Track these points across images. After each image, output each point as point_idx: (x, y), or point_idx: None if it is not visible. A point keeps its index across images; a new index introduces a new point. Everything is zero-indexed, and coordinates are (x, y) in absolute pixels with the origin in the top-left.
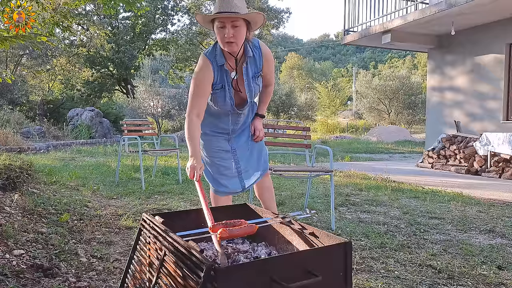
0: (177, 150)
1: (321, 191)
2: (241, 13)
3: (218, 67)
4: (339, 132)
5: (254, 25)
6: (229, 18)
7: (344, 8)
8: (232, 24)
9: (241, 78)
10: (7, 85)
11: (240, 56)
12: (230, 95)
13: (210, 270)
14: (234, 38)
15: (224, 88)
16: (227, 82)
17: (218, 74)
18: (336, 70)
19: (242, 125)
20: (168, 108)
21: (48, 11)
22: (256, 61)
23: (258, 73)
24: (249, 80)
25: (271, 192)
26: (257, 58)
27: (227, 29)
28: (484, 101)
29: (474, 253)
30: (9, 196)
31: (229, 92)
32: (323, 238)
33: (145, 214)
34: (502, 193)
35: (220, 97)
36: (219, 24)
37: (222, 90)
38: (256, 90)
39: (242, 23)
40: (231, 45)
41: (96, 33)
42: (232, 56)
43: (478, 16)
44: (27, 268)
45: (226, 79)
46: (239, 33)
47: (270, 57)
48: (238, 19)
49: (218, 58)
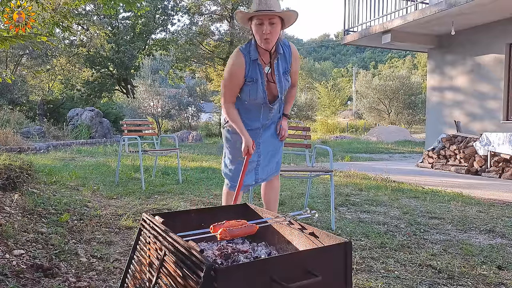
0: (177, 150)
1: (321, 191)
2: (278, 11)
3: (251, 61)
4: (339, 132)
5: (287, 22)
6: (267, 15)
7: (344, 8)
8: (269, 21)
9: (273, 73)
10: (7, 85)
11: (272, 52)
12: (263, 88)
13: (210, 270)
14: (270, 35)
15: (257, 81)
16: (260, 76)
17: (250, 68)
18: (336, 70)
19: (270, 120)
20: (168, 108)
21: (48, 11)
22: (286, 58)
23: (288, 70)
24: (280, 75)
25: (276, 194)
26: (287, 55)
27: (265, 25)
28: (484, 101)
29: (474, 253)
30: (9, 196)
31: (262, 85)
32: (323, 238)
33: (145, 214)
34: (502, 193)
35: (252, 90)
36: (257, 21)
37: (254, 83)
38: (286, 86)
39: (277, 20)
40: (267, 41)
41: (96, 33)
42: (266, 52)
43: (478, 16)
44: (27, 268)
45: (259, 73)
46: (275, 30)
47: (298, 56)
48: (274, 17)
49: (252, 52)
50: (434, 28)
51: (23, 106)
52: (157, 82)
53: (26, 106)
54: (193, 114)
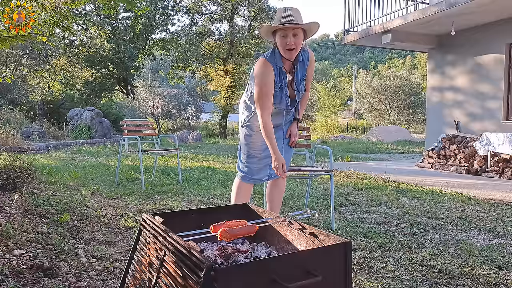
0: (177, 150)
1: (321, 191)
2: (301, 23)
3: (278, 69)
4: (339, 132)
5: (309, 33)
6: (291, 28)
7: (344, 8)
8: (293, 33)
9: (293, 80)
10: (7, 85)
11: (294, 61)
12: (286, 93)
13: (210, 270)
14: (294, 45)
15: (282, 88)
16: (284, 83)
17: (277, 75)
18: (336, 70)
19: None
20: (168, 108)
21: (48, 11)
22: (304, 64)
23: (305, 75)
24: (298, 81)
25: (280, 194)
26: (305, 61)
27: (289, 37)
28: (484, 101)
29: (474, 253)
30: (9, 196)
31: (286, 91)
32: (323, 238)
33: (145, 214)
34: (502, 193)
35: (277, 96)
36: (281, 33)
37: (280, 90)
38: (302, 90)
39: (300, 32)
40: (291, 52)
41: (96, 33)
42: (288, 60)
43: (478, 16)
44: (27, 268)
45: (284, 80)
46: (298, 42)
47: (314, 61)
48: (298, 29)
49: (278, 61)
50: (434, 28)
51: (23, 106)
52: (157, 82)
53: (26, 106)
54: (193, 114)
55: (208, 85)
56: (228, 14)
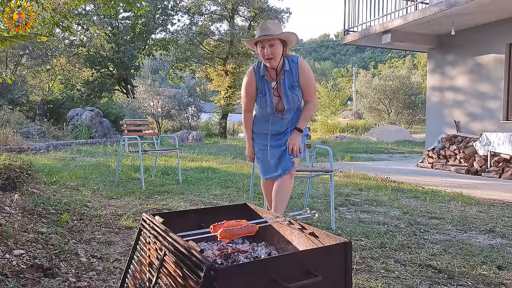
0: (177, 150)
1: (321, 191)
2: (275, 34)
3: (260, 77)
4: (339, 132)
5: (289, 43)
6: (266, 40)
7: (344, 8)
8: (269, 44)
9: (279, 88)
10: (7, 85)
11: (279, 69)
12: (270, 99)
13: (210, 270)
14: (272, 55)
15: (265, 94)
16: (268, 89)
17: (260, 83)
18: (336, 70)
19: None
20: (168, 108)
21: (48, 11)
22: (293, 73)
23: (296, 84)
24: (286, 89)
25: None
26: (293, 71)
27: (266, 48)
28: (484, 101)
29: (474, 253)
30: (9, 196)
31: (270, 97)
32: (323, 238)
33: (145, 214)
34: (502, 193)
35: (262, 101)
36: (260, 45)
37: (264, 96)
38: (294, 98)
39: (278, 42)
40: (270, 61)
41: (96, 33)
42: (272, 69)
43: (478, 16)
44: (27, 268)
45: (267, 87)
46: (276, 51)
47: (307, 72)
48: (274, 39)
49: (261, 70)
50: (434, 28)
51: (23, 106)
52: (157, 82)
53: (26, 106)
54: (193, 114)
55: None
56: (228, 14)
